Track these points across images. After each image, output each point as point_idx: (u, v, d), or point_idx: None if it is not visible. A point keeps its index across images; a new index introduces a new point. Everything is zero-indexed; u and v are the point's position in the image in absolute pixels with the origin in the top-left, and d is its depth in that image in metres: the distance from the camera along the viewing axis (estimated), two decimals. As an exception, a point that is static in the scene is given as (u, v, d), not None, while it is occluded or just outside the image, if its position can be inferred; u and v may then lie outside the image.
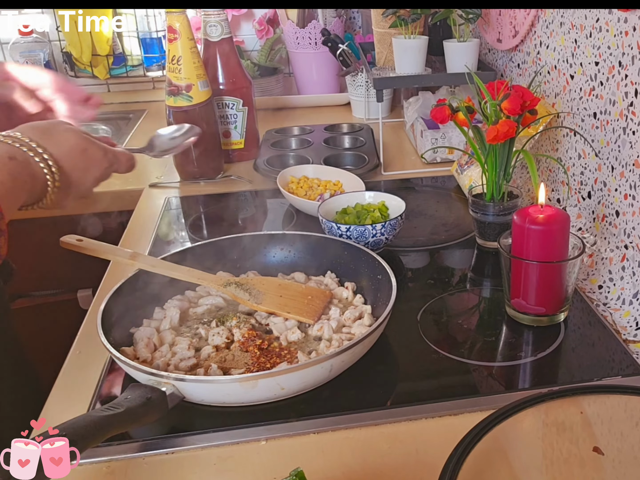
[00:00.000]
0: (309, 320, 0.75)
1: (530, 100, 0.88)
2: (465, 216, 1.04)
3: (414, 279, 0.93)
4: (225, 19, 1.26)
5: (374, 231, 0.90)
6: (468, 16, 1.18)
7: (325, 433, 0.63)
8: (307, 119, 1.61)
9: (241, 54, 1.70)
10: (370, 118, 1.61)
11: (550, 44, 1.04)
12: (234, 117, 1.32)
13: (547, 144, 1.09)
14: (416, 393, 0.69)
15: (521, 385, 0.70)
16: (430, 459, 0.57)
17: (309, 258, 0.86)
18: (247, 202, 1.21)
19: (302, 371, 0.63)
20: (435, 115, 0.95)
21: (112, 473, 0.60)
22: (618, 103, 0.83)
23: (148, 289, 0.78)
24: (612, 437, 0.57)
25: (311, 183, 1.15)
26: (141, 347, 0.71)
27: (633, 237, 0.81)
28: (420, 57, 1.23)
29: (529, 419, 0.56)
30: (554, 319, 0.77)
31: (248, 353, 0.70)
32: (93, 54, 1.77)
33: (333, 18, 1.71)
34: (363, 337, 0.65)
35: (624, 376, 0.68)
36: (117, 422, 0.56)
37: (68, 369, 0.74)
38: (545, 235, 0.72)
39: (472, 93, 1.08)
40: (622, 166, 0.83)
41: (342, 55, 1.57)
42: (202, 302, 0.80)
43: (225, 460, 0.60)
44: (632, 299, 0.79)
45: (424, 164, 1.31)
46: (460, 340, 0.76)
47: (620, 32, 0.80)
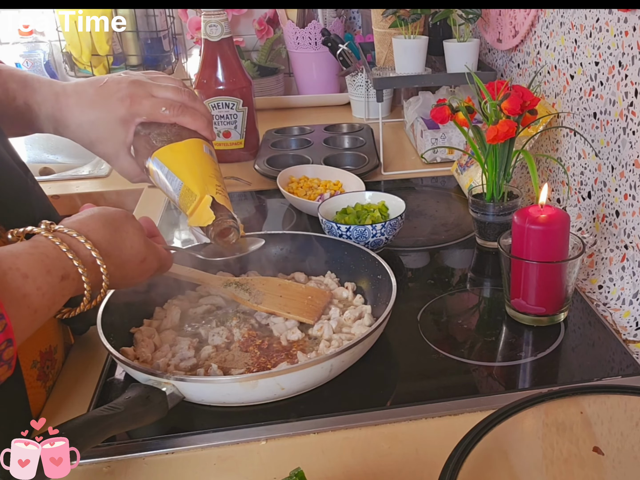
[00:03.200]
0: (309, 320, 0.75)
1: (530, 100, 0.88)
2: (465, 216, 1.04)
3: (414, 279, 0.93)
4: (225, 19, 1.26)
5: (374, 231, 0.90)
6: (468, 16, 1.18)
7: (325, 433, 0.63)
8: (307, 119, 1.61)
9: (241, 54, 1.70)
10: (370, 118, 1.61)
11: (550, 44, 1.04)
12: (234, 117, 1.32)
13: (547, 144, 1.09)
14: (416, 393, 0.69)
15: (521, 385, 0.70)
16: (430, 459, 0.57)
17: (309, 258, 0.86)
18: (247, 202, 1.21)
19: (302, 371, 0.63)
20: (435, 115, 0.95)
21: (112, 473, 0.60)
22: (618, 103, 0.83)
23: (148, 289, 0.78)
24: (612, 437, 0.57)
25: (311, 183, 1.15)
26: (141, 347, 0.71)
27: (633, 237, 0.81)
28: (420, 57, 1.23)
29: (529, 419, 0.56)
30: (554, 319, 0.77)
31: (248, 353, 0.70)
32: (93, 54, 1.77)
33: (333, 18, 1.71)
34: (363, 337, 0.65)
35: (624, 376, 0.68)
36: (117, 422, 0.56)
37: (68, 369, 0.74)
38: (545, 235, 0.73)
39: (472, 93, 1.08)
40: (622, 166, 0.83)
41: (342, 55, 1.57)
42: (202, 302, 0.80)
43: (225, 460, 0.60)
44: (632, 299, 0.79)
45: (424, 164, 1.31)
46: (460, 340, 0.76)
47: (620, 32, 0.80)
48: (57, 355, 0.72)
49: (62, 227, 0.57)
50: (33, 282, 0.51)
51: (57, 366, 0.72)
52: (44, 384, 0.68)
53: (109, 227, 0.60)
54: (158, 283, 0.79)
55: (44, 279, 0.52)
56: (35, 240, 0.55)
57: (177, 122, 0.74)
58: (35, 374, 0.67)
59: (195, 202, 0.69)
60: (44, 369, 0.68)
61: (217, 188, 0.71)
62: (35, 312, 0.51)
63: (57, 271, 0.54)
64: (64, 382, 0.71)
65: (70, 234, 0.57)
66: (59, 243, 0.55)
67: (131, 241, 0.62)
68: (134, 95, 0.72)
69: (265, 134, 1.45)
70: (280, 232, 0.90)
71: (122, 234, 0.61)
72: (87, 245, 0.57)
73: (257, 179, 1.25)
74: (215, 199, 0.69)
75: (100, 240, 0.59)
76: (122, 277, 0.63)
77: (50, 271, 0.53)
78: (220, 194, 0.70)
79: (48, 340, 0.70)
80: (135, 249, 0.62)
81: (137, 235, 0.63)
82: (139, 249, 0.63)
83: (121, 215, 0.63)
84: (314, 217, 0.97)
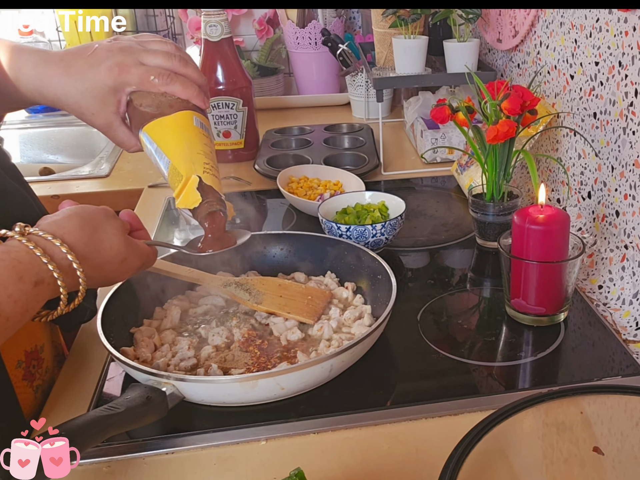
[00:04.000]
0: (309, 320, 0.75)
1: (530, 100, 0.88)
2: (465, 216, 1.04)
3: (414, 279, 0.93)
4: (225, 19, 1.26)
5: (374, 231, 0.90)
6: (468, 16, 1.18)
7: (325, 433, 0.63)
8: (307, 119, 1.61)
9: (241, 54, 1.70)
10: (370, 118, 1.61)
11: (550, 44, 1.04)
12: (234, 117, 1.32)
13: (547, 144, 1.09)
14: (416, 393, 0.69)
15: (521, 385, 0.70)
16: (430, 459, 0.57)
17: (309, 258, 0.86)
18: (247, 202, 1.21)
19: (302, 371, 0.63)
20: (435, 115, 0.95)
21: (112, 473, 0.60)
22: (618, 103, 0.83)
23: (148, 289, 0.78)
24: (612, 437, 0.57)
25: (311, 183, 1.15)
26: (141, 347, 0.71)
27: (633, 237, 0.81)
28: (420, 57, 1.23)
29: (529, 419, 0.56)
30: (554, 319, 0.77)
31: (248, 353, 0.70)
32: (93, 54, 1.77)
33: (333, 18, 1.71)
34: (363, 337, 0.65)
35: (624, 376, 0.68)
36: (117, 422, 0.56)
37: (68, 369, 0.74)
38: (545, 235, 0.72)
39: (472, 93, 1.08)
40: (622, 166, 0.83)
41: (342, 55, 1.57)
42: (202, 302, 0.80)
43: (225, 460, 0.60)
44: (632, 299, 0.79)
45: (424, 164, 1.31)
46: (460, 340, 0.76)
47: (620, 32, 0.80)
48: (43, 354, 0.71)
49: (37, 230, 0.56)
50: (4, 290, 0.50)
51: (44, 365, 0.72)
52: (31, 384, 0.68)
53: (86, 228, 0.59)
54: (158, 283, 0.79)
55: (15, 286, 0.51)
56: (8, 245, 0.54)
57: (167, 90, 0.69)
58: (20, 374, 0.66)
59: (181, 182, 0.65)
60: (29, 368, 0.68)
61: (206, 167, 0.66)
62: (7, 320, 0.50)
63: (30, 277, 0.53)
64: (63, 383, 0.71)
65: (45, 237, 0.55)
66: (33, 247, 0.54)
67: (110, 242, 0.60)
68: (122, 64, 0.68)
69: (265, 134, 1.45)
70: (280, 232, 0.90)
71: (100, 235, 0.60)
72: (63, 248, 0.55)
73: (257, 179, 1.25)
74: (203, 179, 0.65)
75: (77, 243, 0.57)
76: (101, 278, 0.61)
77: (22, 277, 0.52)
78: (208, 173, 0.66)
79: (34, 340, 0.70)
80: (115, 250, 0.61)
81: (116, 235, 0.61)
82: (119, 250, 0.61)
83: (100, 214, 0.61)
84: (314, 217, 0.97)
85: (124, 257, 0.61)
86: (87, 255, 0.58)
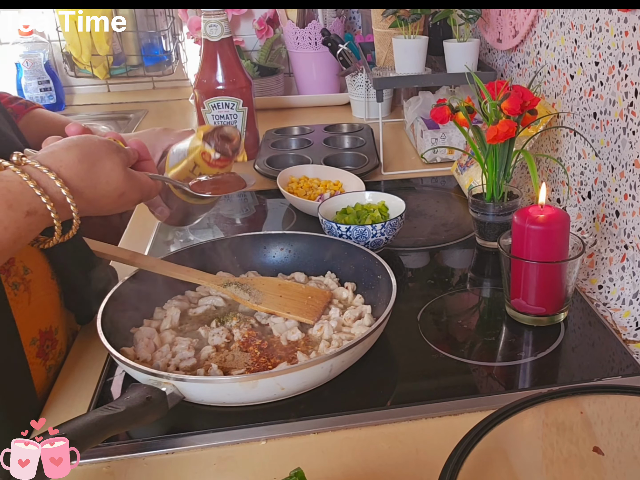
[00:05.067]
0: (309, 321, 0.75)
1: (530, 100, 0.88)
2: (465, 216, 1.04)
3: (414, 279, 0.93)
4: (225, 19, 1.26)
5: (374, 231, 0.90)
6: (468, 16, 1.18)
7: (325, 433, 0.63)
8: (307, 119, 1.61)
9: (241, 54, 1.70)
10: (370, 118, 1.61)
11: (550, 44, 1.04)
12: (234, 117, 1.32)
13: (547, 144, 1.09)
14: (416, 393, 0.69)
15: (521, 385, 0.70)
16: (430, 459, 0.57)
17: (309, 258, 0.86)
18: (247, 202, 1.21)
19: (302, 371, 0.63)
20: (435, 115, 0.95)
21: (112, 473, 0.60)
22: (618, 103, 0.83)
23: (148, 289, 0.78)
24: (612, 437, 0.57)
25: (311, 183, 1.15)
26: (141, 347, 0.71)
27: (633, 237, 0.81)
28: (420, 57, 1.23)
29: (529, 419, 0.56)
30: (554, 319, 0.77)
31: (248, 353, 0.70)
32: (93, 54, 1.77)
33: (333, 18, 1.71)
34: (363, 337, 0.65)
35: (624, 376, 0.68)
36: (117, 422, 0.56)
37: (68, 369, 0.74)
38: (545, 235, 0.72)
39: (472, 93, 1.08)
40: (622, 166, 0.83)
41: (342, 55, 1.57)
42: (202, 302, 0.80)
43: (225, 460, 0.60)
44: (632, 299, 0.79)
45: (424, 164, 1.31)
46: (460, 340, 0.76)
47: (620, 32, 0.80)
48: (58, 336, 0.72)
49: (34, 161, 0.57)
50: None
51: (58, 347, 0.72)
52: (44, 362, 0.69)
53: (84, 162, 0.60)
54: (158, 283, 0.79)
55: (5, 213, 0.53)
56: (2, 174, 0.56)
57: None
58: (34, 350, 0.67)
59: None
60: (43, 347, 0.69)
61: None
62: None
63: (22, 206, 0.54)
64: (64, 382, 0.71)
65: (41, 169, 0.57)
66: (27, 179, 0.55)
67: (107, 177, 0.61)
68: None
69: (265, 134, 1.45)
70: (280, 232, 0.90)
71: (97, 170, 0.60)
72: (57, 182, 0.57)
73: (257, 178, 1.25)
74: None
75: (73, 177, 0.58)
76: (95, 212, 0.63)
77: (12, 206, 0.54)
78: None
79: (48, 321, 0.71)
80: (113, 185, 0.62)
81: (115, 170, 0.62)
82: (117, 185, 0.62)
83: (101, 148, 0.62)
84: (314, 217, 0.97)
85: (122, 191, 0.63)
86: (82, 189, 0.59)
